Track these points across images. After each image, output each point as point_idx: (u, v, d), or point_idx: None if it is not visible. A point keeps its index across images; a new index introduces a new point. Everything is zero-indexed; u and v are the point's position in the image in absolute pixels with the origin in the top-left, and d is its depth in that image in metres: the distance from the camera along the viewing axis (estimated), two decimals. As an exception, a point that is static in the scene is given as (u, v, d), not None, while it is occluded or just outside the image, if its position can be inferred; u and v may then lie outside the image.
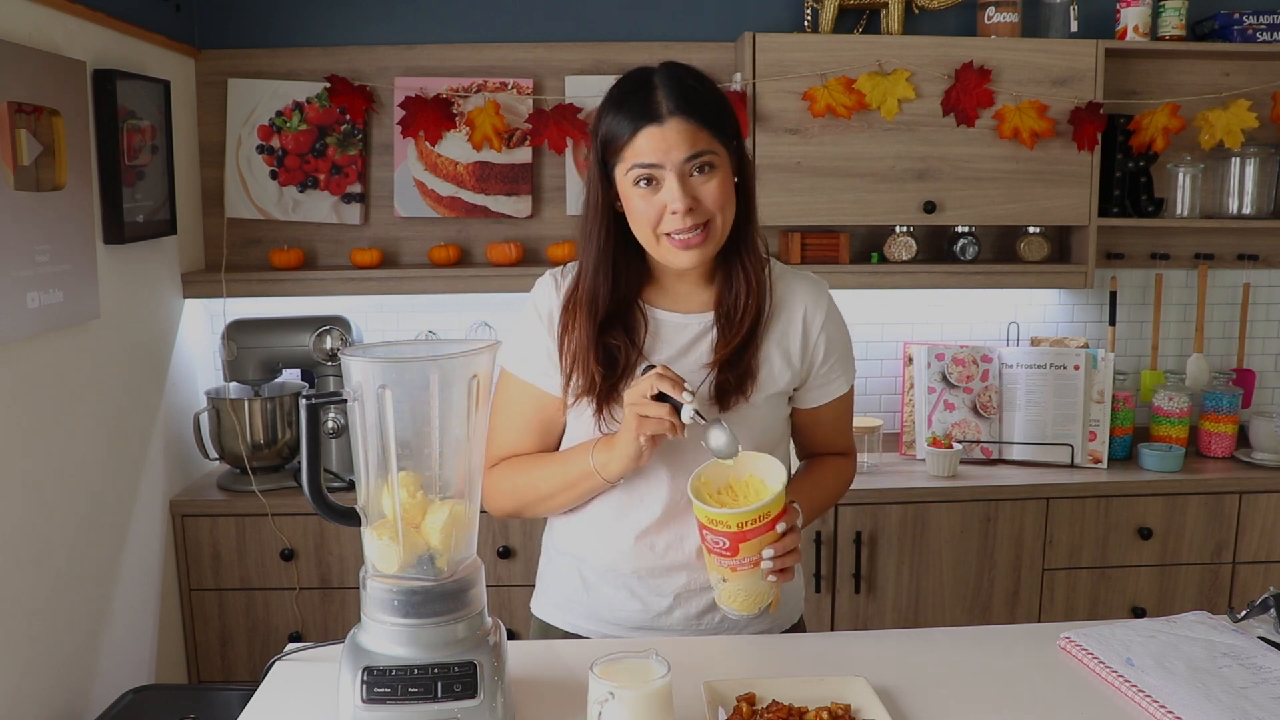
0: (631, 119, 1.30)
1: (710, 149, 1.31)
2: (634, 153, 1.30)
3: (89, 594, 2.10)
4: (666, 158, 1.29)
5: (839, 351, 1.48)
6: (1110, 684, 1.22)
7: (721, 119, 1.33)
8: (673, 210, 1.30)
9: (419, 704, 1.05)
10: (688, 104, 1.30)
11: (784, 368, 1.43)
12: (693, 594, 1.42)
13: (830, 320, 1.46)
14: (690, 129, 1.29)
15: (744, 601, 1.30)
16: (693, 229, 1.31)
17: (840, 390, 1.50)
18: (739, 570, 1.26)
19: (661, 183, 1.30)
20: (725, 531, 1.24)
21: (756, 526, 1.23)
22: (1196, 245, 2.88)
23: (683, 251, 1.33)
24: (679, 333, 1.41)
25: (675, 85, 1.31)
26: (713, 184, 1.31)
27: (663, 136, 1.29)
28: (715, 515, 1.24)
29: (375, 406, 1.05)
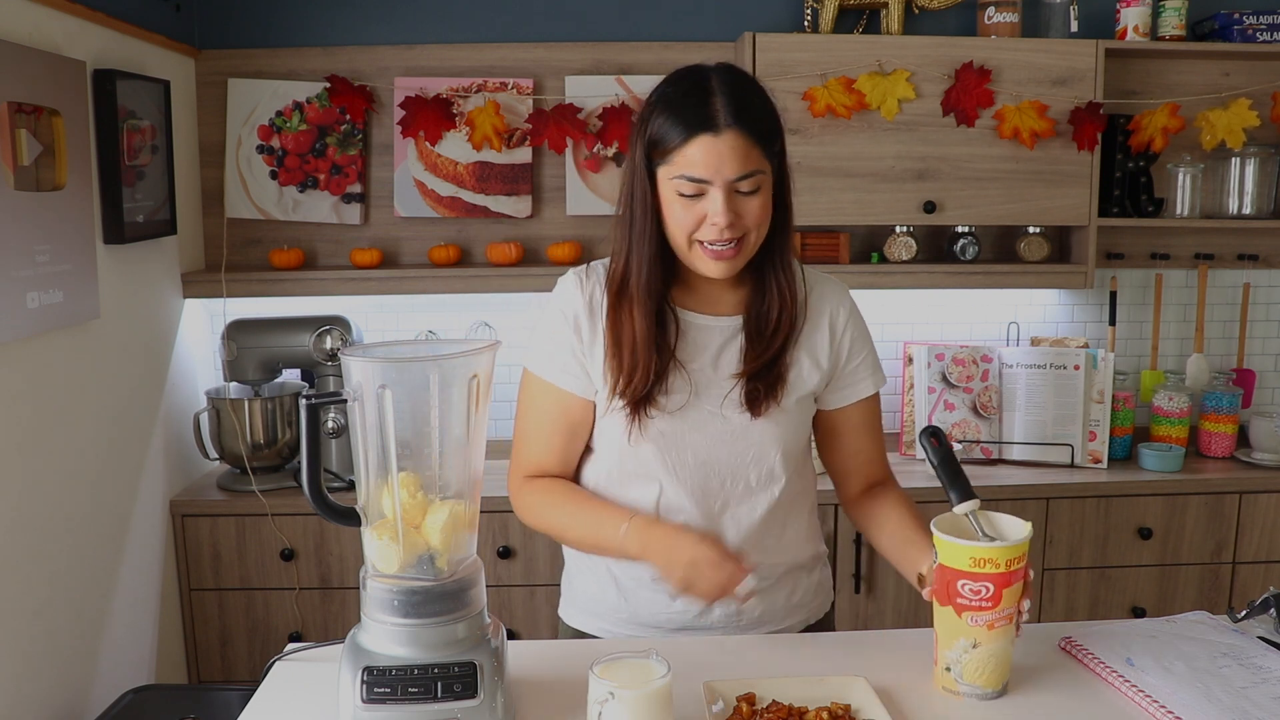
0: (686, 124, 1.26)
1: (760, 168, 1.29)
2: (684, 161, 1.27)
3: (89, 594, 2.10)
4: (717, 174, 1.26)
5: (865, 351, 1.50)
6: (1110, 684, 1.22)
7: (773, 133, 1.31)
8: (713, 223, 1.28)
9: (419, 704, 1.05)
10: (746, 117, 1.27)
11: (812, 369, 1.43)
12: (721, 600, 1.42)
13: (854, 320, 1.48)
14: (744, 145, 1.26)
15: (994, 670, 1.17)
16: (728, 241, 1.30)
17: (867, 390, 1.51)
18: (996, 627, 1.15)
19: (705, 194, 1.28)
20: (991, 574, 1.14)
21: (1019, 568, 1.16)
22: (1196, 245, 2.88)
23: (714, 262, 1.32)
24: (708, 336, 1.40)
25: (734, 94, 1.28)
26: (756, 202, 1.30)
27: (716, 149, 1.26)
28: (984, 552, 1.14)
29: (375, 406, 1.05)
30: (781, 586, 1.47)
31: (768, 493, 1.42)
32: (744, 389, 1.38)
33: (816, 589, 1.52)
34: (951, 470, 1.24)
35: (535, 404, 1.43)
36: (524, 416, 1.45)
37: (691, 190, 1.28)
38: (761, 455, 1.41)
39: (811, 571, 1.52)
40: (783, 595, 1.47)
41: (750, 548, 1.41)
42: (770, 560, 1.44)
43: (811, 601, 1.51)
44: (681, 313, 1.40)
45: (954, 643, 1.17)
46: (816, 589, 1.52)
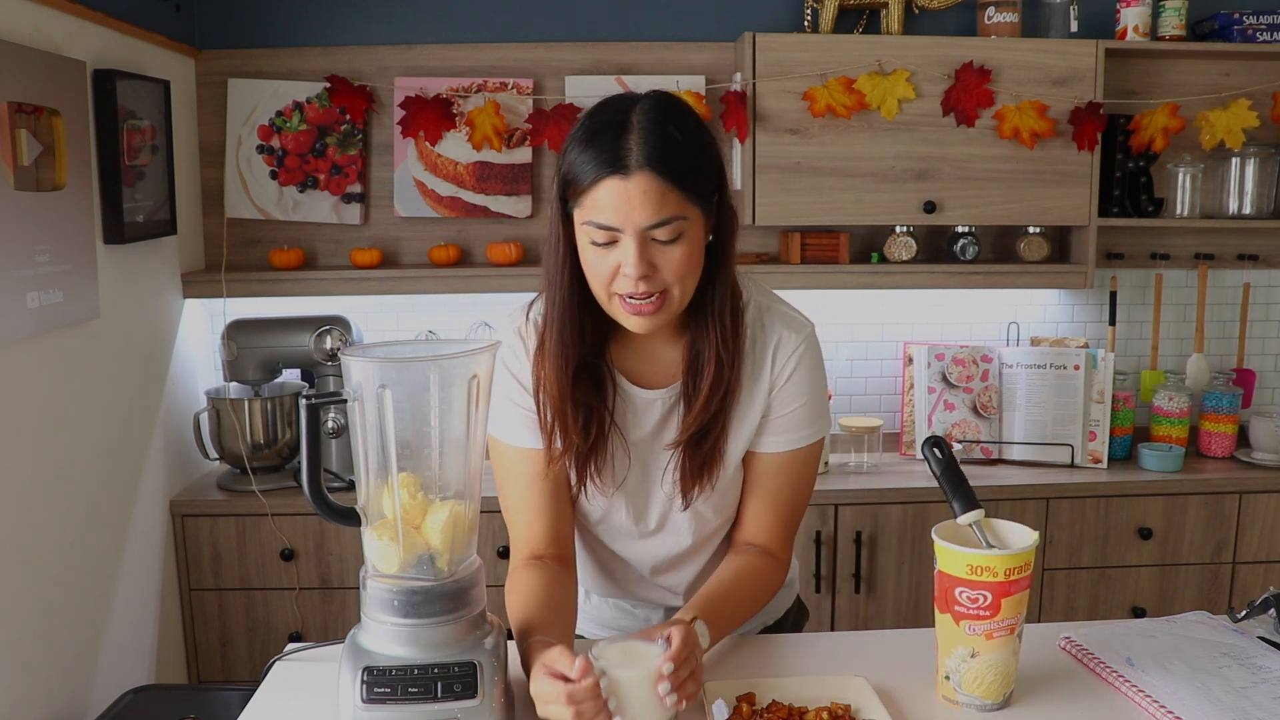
0: (595, 164, 1.13)
1: (679, 214, 1.14)
2: (592, 205, 1.15)
3: (89, 594, 2.10)
4: (626, 221, 1.13)
5: (802, 400, 1.32)
6: (1110, 684, 1.22)
7: (699, 175, 1.17)
8: (625, 274, 1.15)
9: (419, 704, 1.05)
10: (661, 157, 1.13)
11: (748, 429, 1.32)
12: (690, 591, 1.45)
13: (801, 363, 1.31)
14: (659, 189, 1.12)
15: (993, 682, 1.15)
16: (645, 296, 1.17)
17: (786, 444, 1.32)
18: (995, 637, 1.13)
19: (618, 243, 1.15)
20: (989, 583, 1.12)
21: (1021, 578, 1.14)
22: (1196, 245, 2.88)
23: (633, 317, 1.19)
24: (647, 409, 1.31)
25: (654, 131, 1.14)
26: (676, 254, 1.16)
27: (625, 194, 1.12)
28: (981, 559, 1.12)
29: (375, 406, 1.05)
30: None
31: (709, 547, 1.43)
32: (679, 463, 1.29)
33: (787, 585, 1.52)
34: (954, 480, 1.24)
35: (508, 471, 1.34)
36: (501, 489, 1.36)
37: (603, 238, 1.15)
38: (700, 526, 1.38)
39: None
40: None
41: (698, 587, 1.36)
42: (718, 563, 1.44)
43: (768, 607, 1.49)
44: (621, 380, 1.30)
45: (953, 651, 1.16)
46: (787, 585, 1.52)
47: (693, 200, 1.17)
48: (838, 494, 2.50)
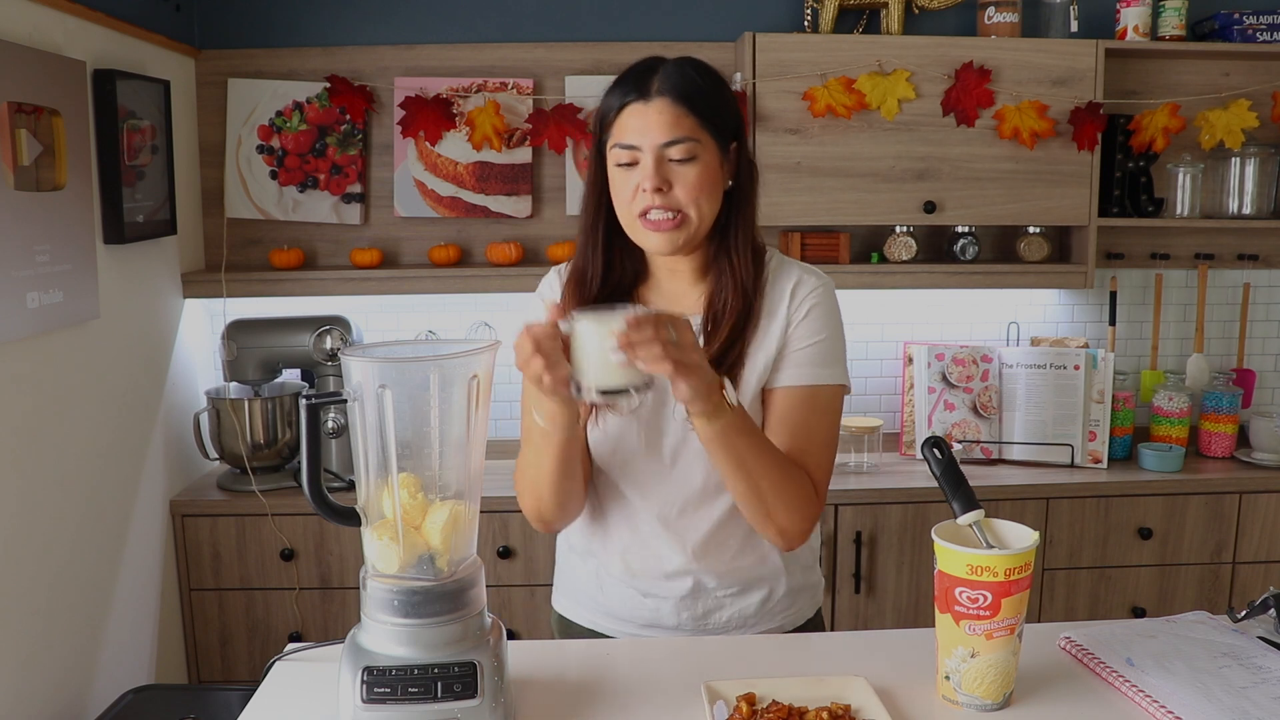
0: (622, 95, 1.29)
1: (693, 136, 1.28)
2: (619, 129, 1.29)
3: (89, 594, 2.10)
4: (645, 138, 1.27)
5: (819, 338, 1.36)
6: (1110, 684, 1.22)
7: (714, 111, 1.30)
8: (642, 187, 1.28)
9: (419, 704, 1.05)
10: (680, 87, 1.28)
11: (764, 361, 1.36)
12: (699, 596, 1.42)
13: (820, 305, 1.37)
14: (675, 112, 1.27)
15: (993, 682, 1.15)
16: (664, 209, 1.28)
17: (804, 378, 1.35)
18: (995, 637, 1.13)
19: (639, 163, 1.29)
20: (989, 583, 1.12)
21: (1021, 578, 1.13)
22: (1196, 245, 2.88)
23: (654, 234, 1.30)
24: None
25: (675, 70, 1.30)
26: (690, 174, 1.28)
27: (645, 115, 1.27)
28: (981, 559, 1.12)
29: (375, 406, 1.05)
30: (752, 593, 1.44)
31: (723, 496, 1.38)
32: None
33: (795, 596, 1.47)
34: (954, 480, 1.24)
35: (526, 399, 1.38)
36: (524, 414, 1.42)
37: (626, 158, 1.29)
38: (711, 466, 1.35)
39: (788, 578, 1.46)
40: (754, 602, 1.44)
41: (710, 552, 1.40)
42: (733, 565, 1.42)
43: (789, 609, 1.47)
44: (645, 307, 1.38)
45: (953, 651, 1.16)
46: (795, 596, 1.47)
47: (707, 129, 1.29)
48: (838, 494, 2.50)
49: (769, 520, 1.31)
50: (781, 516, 1.31)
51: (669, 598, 1.43)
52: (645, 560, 1.42)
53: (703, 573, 1.41)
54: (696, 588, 1.42)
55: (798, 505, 1.32)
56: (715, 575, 1.42)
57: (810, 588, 1.51)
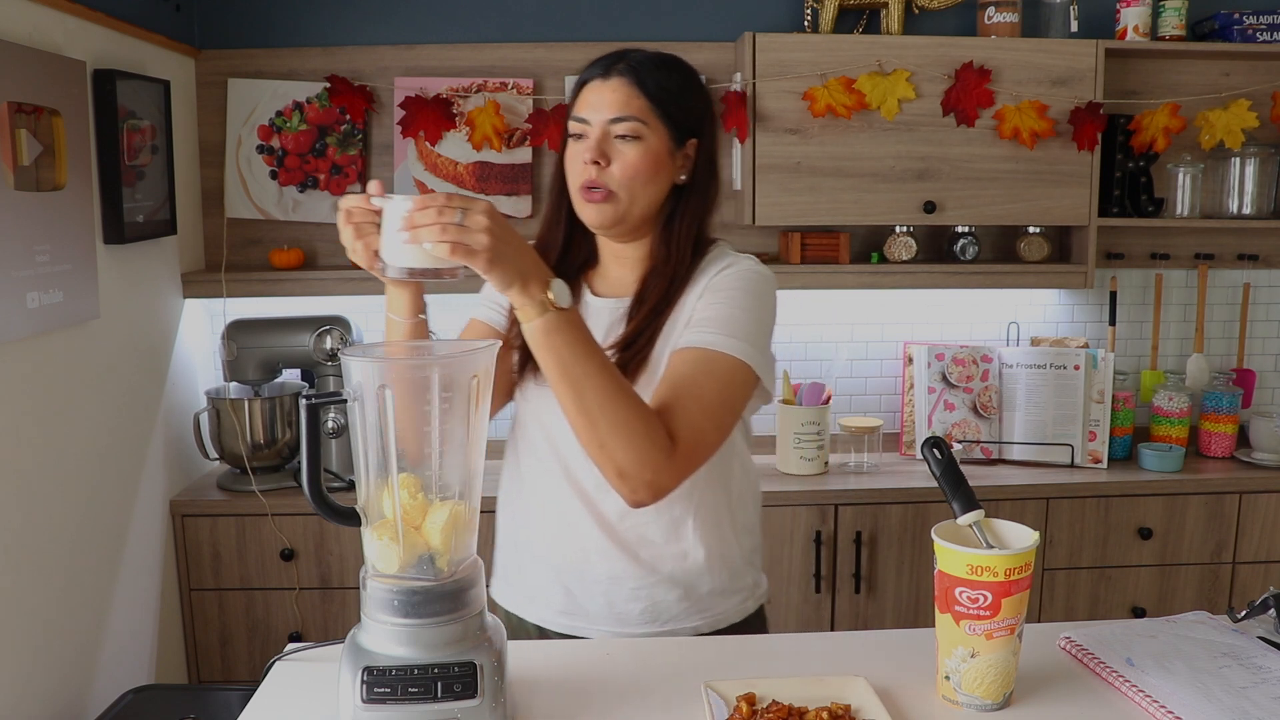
0: (586, 74, 1.34)
1: (638, 117, 1.30)
2: (578, 104, 1.34)
3: (89, 594, 2.10)
4: (596, 113, 1.31)
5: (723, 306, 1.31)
6: (1110, 684, 1.22)
7: (670, 98, 1.32)
8: (584, 159, 1.31)
9: (419, 704, 1.05)
10: (638, 70, 1.31)
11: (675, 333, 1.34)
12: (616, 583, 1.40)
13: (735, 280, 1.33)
14: (628, 92, 1.30)
15: (993, 682, 1.15)
16: (596, 185, 1.31)
17: (696, 341, 1.28)
18: (995, 637, 1.13)
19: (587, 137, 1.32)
20: (989, 583, 1.11)
21: (1021, 578, 1.13)
22: (1196, 245, 2.88)
23: (586, 205, 1.33)
24: (598, 316, 1.40)
25: (643, 57, 1.33)
26: (629, 154, 1.31)
27: (600, 91, 1.31)
28: (981, 559, 1.12)
29: (375, 406, 1.05)
30: (670, 588, 1.41)
31: None
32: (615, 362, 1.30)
33: (723, 594, 1.44)
34: (954, 480, 1.24)
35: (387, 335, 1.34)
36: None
37: (577, 130, 1.33)
38: None
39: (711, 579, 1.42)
40: (672, 599, 1.41)
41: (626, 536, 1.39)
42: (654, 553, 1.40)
43: (717, 606, 1.43)
44: (585, 292, 1.43)
45: (953, 651, 1.16)
46: (723, 594, 1.44)
47: (656, 115, 1.31)
48: (838, 494, 2.50)
49: (604, 453, 1.19)
50: (619, 453, 1.18)
51: (582, 580, 1.41)
52: (562, 540, 1.41)
53: (620, 558, 1.39)
54: (613, 576, 1.40)
55: (640, 445, 1.17)
56: (633, 561, 1.39)
57: (742, 590, 1.47)
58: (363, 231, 1.17)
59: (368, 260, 1.18)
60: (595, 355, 1.19)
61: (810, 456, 2.60)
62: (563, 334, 1.16)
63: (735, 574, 1.46)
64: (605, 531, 1.40)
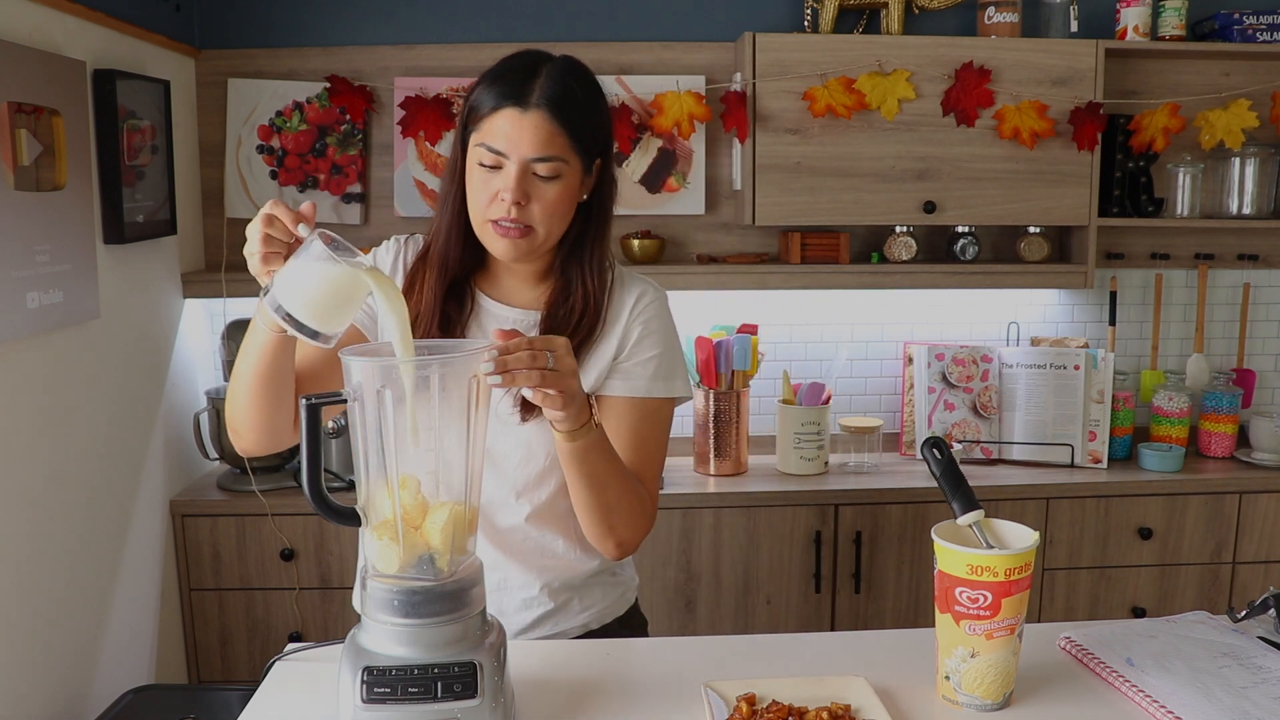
0: (499, 95, 1.26)
1: (561, 156, 1.27)
2: (488, 130, 1.27)
3: (89, 594, 2.10)
4: (515, 149, 1.25)
5: (656, 351, 1.39)
6: (1110, 684, 1.22)
7: (587, 131, 1.29)
8: (502, 198, 1.27)
9: (419, 704, 1.05)
10: (559, 103, 1.26)
11: (596, 371, 1.38)
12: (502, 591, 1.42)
13: (656, 318, 1.40)
14: (550, 129, 1.26)
15: (993, 682, 1.15)
16: (515, 222, 1.28)
17: (640, 389, 1.38)
18: (995, 637, 1.13)
19: (502, 169, 1.27)
20: (989, 583, 1.12)
21: (1021, 578, 1.13)
22: (1196, 245, 2.88)
23: (500, 239, 1.30)
24: (499, 323, 1.38)
25: (557, 80, 1.27)
26: (550, 193, 1.28)
27: (519, 124, 1.25)
28: (981, 559, 1.12)
29: (375, 406, 1.05)
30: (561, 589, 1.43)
31: (533, 496, 1.39)
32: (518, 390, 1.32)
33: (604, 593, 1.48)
34: (954, 480, 1.24)
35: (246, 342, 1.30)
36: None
37: (490, 160, 1.27)
38: (528, 459, 1.38)
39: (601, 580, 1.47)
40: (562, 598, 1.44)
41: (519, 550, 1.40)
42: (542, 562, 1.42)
43: (600, 604, 1.47)
44: (480, 295, 1.40)
45: (953, 651, 1.16)
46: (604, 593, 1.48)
47: (576, 150, 1.29)
48: (838, 494, 2.50)
49: (610, 532, 1.33)
50: (622, 529, 1.34)
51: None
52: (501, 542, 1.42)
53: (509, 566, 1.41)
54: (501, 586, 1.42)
55: (638, 517, 1.35)
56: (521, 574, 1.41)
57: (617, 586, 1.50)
58: (270, 258, 1.12)
59: (257, 272, 1.13)
60: (615, 456, 1.31)
61: (810, 456, 2.60)
62: (599, 448, 1.26)
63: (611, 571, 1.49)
64: (496, 544, 1.41)
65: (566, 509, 1.40)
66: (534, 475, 1.39)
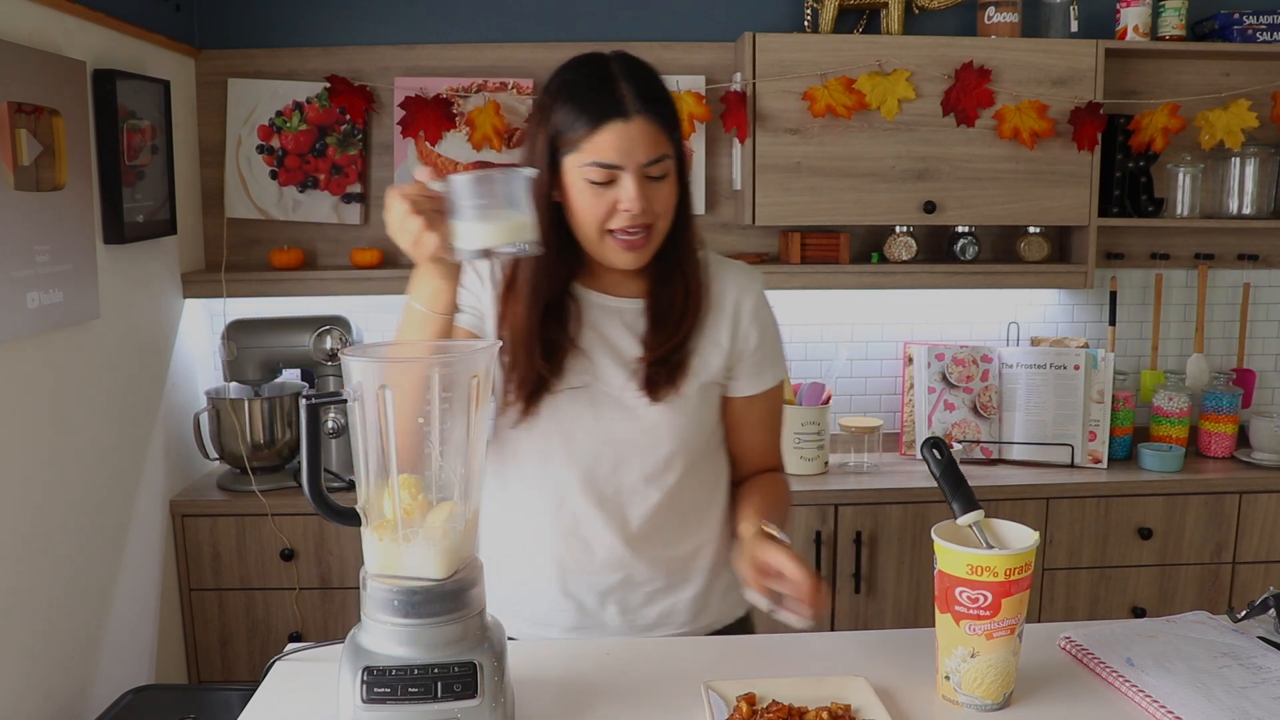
0: (595, 112, 1.25)
1: (668, 153, 1.29)
2: (594, 148, 1.25)
3: (89, 594, 2.10)
4: (629, 159, 1.25)
5: (770, 341, 1.45)
6: (1110, 684, 1.22)
7: (675, 118, 1.32)
8: (625, 209, 1.27)
9: (419, 704, 1.05)
10: (653, 103, 1.27)
11: (715, 355, 1.40)
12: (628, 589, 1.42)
13: (760, 309, 1.44)
14: (653, 130, 1.26)
15: (993, 682, 1.15)
16: (639, 229, 1.29)
17: (770, 382, 1.46)
18: (995, 637, 1.13)
19: (616, 181, 1.27)
20: (989, 583, 1.12)
21: (1021, 578, 1.14)
22: (1196, 245, 2.88)
23: (627, 252, 1.30)
24: (609, 316, 1.38)
25: (638, 81, 1.28)
26: (664, 191, 1.30)
27: (628, 135, 1.25)
28: (981, 559, 1.12)
29: (375, 406, 1.05)
30: (682, 588, 1.44)
31: (661, 482, 1.39)
32: (644, 374, 1.36)
33: (725, 593, 1.48)
34: (954, 481, 1.24)
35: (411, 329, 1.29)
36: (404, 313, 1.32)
37: (602, 177, 1.26)
38: (656, 443, 1.38)
39: (723, 573, 1.47)
40: (684, 599, 1.44)
41: (644, 540, 1.40)
42: (668, 554, 1.42)
43: (720, 604, 1.47)
44: (583, 292, 1.39)
45: (953, 651, 1.16)
46: (725, 593, 1.48)
47: (673, 141, 1.30)
48: (838, 494, 2.50)
49: None
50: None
51: (594, 592, 1.41)
52: (574, 550, 1.41)
53: (635, 563, 1.40)
54: (626, 581, 1.41)
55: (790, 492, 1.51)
56: (648, 564, 1.41)
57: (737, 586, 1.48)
58: (434, 222, 1.13)
59: (439, 249, 1.14)
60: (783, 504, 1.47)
61: (810, 456, 2.60)
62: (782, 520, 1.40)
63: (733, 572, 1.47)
64: (624, 539, 1.40)
65: (694, 500, 1.43)
66: (662, 460, 1.39)
